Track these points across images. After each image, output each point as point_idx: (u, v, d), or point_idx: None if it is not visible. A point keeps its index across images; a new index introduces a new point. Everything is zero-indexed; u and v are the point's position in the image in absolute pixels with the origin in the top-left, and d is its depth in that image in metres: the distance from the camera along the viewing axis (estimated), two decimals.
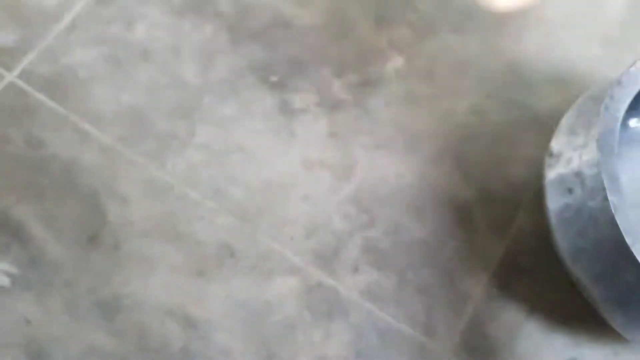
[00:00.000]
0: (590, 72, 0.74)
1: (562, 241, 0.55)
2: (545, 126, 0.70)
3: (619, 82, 0.53)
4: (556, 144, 0.57)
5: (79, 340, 0.57)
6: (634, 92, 0.54)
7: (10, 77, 0.67)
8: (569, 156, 0.54)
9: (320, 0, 0.74)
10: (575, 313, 0.61)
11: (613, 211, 0.49)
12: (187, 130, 0.66)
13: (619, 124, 0.52)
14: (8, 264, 0.59)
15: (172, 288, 0.60)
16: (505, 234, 0.63)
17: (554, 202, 0.55)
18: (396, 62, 0.71)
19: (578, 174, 0.53)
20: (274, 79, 0.69)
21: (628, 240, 0.48)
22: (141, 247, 0.61)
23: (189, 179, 0.64)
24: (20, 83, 0.67)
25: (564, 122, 0.58)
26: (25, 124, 0.65)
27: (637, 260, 0.48)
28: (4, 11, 0.70)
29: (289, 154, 0.66)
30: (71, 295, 0.59)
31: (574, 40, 0.75)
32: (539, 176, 0.61)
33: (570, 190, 0.53)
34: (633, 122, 0.65)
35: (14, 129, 0.65)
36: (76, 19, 0.71)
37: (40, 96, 0.66)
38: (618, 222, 0.49)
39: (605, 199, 0.49)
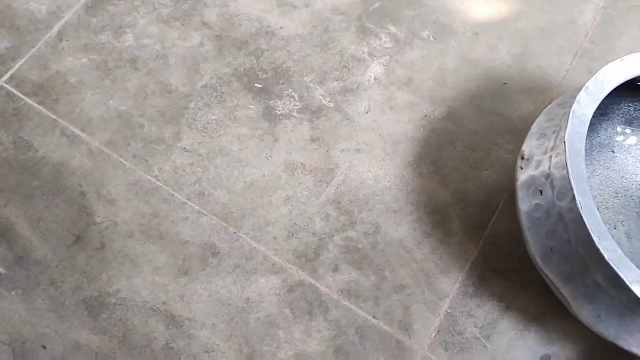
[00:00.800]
0: (563, 81, 0.76)
1: (533, 241, 0.57)
2: (520, 132, 0.72)
3: (586, 88, 0.55)
4: (527, 147, 0.60)
5: (65, 337, 0.58)
6: (601, 98, 0.56)
7: (0, 82, 0.69)
8: (539, 159, 0.56)
9: (304, 11, 0.77)
10: (548, 311, 0.63)
11: (581, 211, 0.50)
12: (174, 135, 0.68)
13: (586, 128, 0.54)
14: None
15: (156, 287, 0.61)
16: (480, 235, 0.65)
17: (525, 203, 0.57)
18: (376, 70, 0.74)
19: (548, 176, 0.55)
20: (258, 85, 0.71)
21: (595, 239, 0.50)
22: (126, 247, 0.62)
23: (174, 181, 0.65)
24: (10, 88, 0.68)
25: (535, 126, 0.61)
26: (14, 128, 0.67)
27: (604, 259, 0.49)
28: None
29: (271, 158, 0.68)
30: (57, 294, 0.60)
31: (547, 51, 0.78)
32: (513, 179, 0.63)
33: (540, 192, 0.55)
34: (604, 128, 0.67)
35: (3, 133, 0.66)
36: (66, 27, 0.73)
37: (30, 101, 0.68)
38: (586, 221, 0.50)
39: (573, 199, 0.51)
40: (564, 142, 0.53)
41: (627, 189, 0.61)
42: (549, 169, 0.55)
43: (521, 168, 0.59)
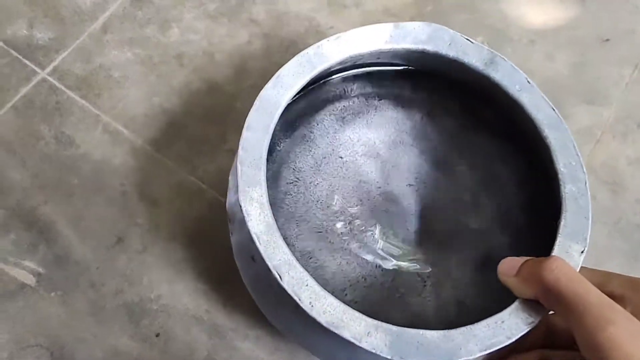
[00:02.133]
0: (622, 95, 0.73)
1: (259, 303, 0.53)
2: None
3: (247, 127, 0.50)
4: (228, 205, 0.53)
5: (103, 342, 0.56)
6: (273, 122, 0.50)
7: (43, 74, 0.67)
8: (240, 217, 0.48)
9: (354, 11, 0.74)
10: None
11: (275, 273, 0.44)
12: (219, 136, 0.65)
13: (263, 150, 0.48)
14: (34, 262, 0.59)
15: (199, 294, 0.59)
16: None
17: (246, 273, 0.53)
18: None
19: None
20: None
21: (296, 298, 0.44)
22: (168, 251, 0.60)
23: (219, 184, 0.63)
24: (53, 81, 0.66)
25: (231, 179, 0.54)
26: (56, 122, 0.64)
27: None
28: (39, 8, 0.70)
29: None
30: (97, 297, 0.58)
31: (606, 62, 0.75)
32: None
33: (252, 258, 0.48)
34: (320, 136, 0.59)
35: (45, 127, 0.64)
36: (111, 19, 0.70)
37: (73, 95, 0.66)
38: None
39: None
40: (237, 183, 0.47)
41: (369, 191, 0.57)
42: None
43: (232, 233, 0.53)
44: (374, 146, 0.60)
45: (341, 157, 0.58)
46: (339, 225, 0.56)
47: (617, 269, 0.64)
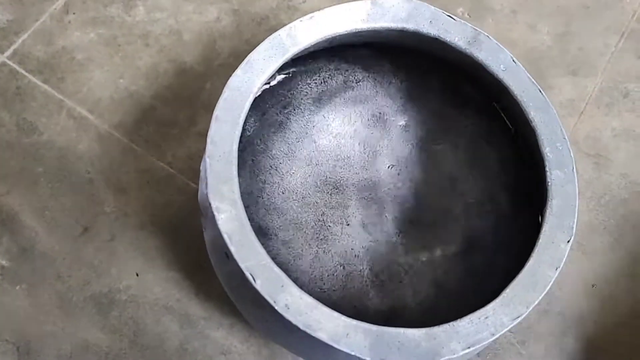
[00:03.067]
0: (608, 65, 0.71)
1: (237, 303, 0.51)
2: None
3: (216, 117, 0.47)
4: (200, 198, 0.50)
5: (72, 335, 0.55)
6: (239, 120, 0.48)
7: (2, 58, 0.64)
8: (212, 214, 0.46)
9: None
10: None
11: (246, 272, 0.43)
12: (188, 118, 0.63)
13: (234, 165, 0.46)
14: None
15: (170, 283, 0.57)
16: None
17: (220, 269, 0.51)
18: None
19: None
20: None
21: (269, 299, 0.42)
22: (137, 240, 0.58)
23: (189, 168, 0.61)
24: (13, 65, 0.64)
25: (201, 168, 0.52)
26: (17, 109, 0.62)
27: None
28: None
29: None
30: (64, 289, 0.56)
31: (591, 31, 0.72)
32: None
33: (226, 255, 0.46)
34: (294, 120, 0.57)
35: (6, 113, 0.62)
36: None
37: (34, 79, 0.63)
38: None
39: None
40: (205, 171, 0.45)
41: (346, 177, 0.55)
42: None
43: (205, 228, 0.50)
44: (352, 128, 0.57)
45: (315, 142, 0.56)
46: (314, 214, 0.54)
47: (601, 247, 0.63)
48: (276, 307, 0.41)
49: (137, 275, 0.57)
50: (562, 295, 0.61)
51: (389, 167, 0.56)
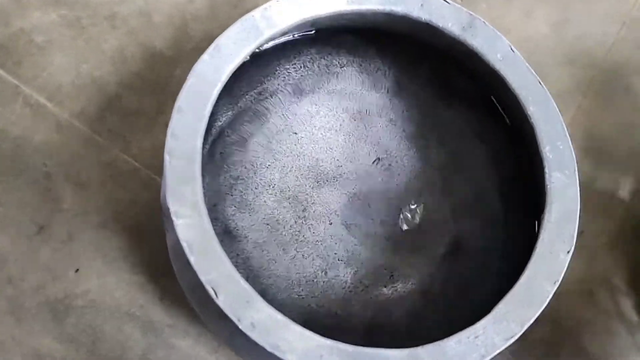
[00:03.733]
0: (608, 55, 0.67)
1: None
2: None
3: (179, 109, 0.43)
4: (162, 196, 0.46)
5: (23, 345, 0.50)
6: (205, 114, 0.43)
7: None
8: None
9: None
10: None
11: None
12: (156, 107, 0.58)
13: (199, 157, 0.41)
14: None
15: (133, 287, 0.53)
16: None
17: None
18: None
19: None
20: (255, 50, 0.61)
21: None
22: (98, 240, 0.54)
23: (155, 162, 0.56)
24: None
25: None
26: None
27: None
28: None
29: None
30: (15, 294, 0.51)
31: (590, 19, 0.68)
32: None
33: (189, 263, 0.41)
34: (275, 113, 0.53)
35: None
36: None
37: None
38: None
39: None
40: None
41: (328, 171, 0.51)
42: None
43: (167, 231, 0.47)
44: (334, 119, 0.53)
45: (296, 133, 0.52)
46: (293, 212, 0.49)
47: (602, 251, 0.60)
48: (240, 326, 0.37)
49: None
50: (556, 301, 0.57)
51: (373, 162, 0.52)
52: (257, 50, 0.48)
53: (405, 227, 0.50)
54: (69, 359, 0.50)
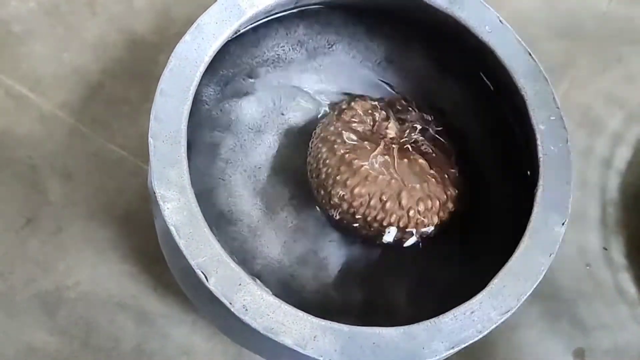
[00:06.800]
0: (599, 29, 0.65)
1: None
2: None
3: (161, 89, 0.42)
4: (149, 181, 0.45)
5: (16, 339, 0.49)
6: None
7: None
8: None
9: None
10: None
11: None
12: (141, 94, 0.57)
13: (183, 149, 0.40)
14: None
15: (124, 277, 0.52)
16: None
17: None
18: None
19: None
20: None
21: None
22: (87, 231, 0.53)
23: (142, 150, 0.55)
24: None
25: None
26: None
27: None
28: None
29: None
30: (5, 288, 0.51)
31: None
32: None
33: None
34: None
35: None
36: None
37: None
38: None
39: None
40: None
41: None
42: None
43: (155, 217, 0.45)
44: (326, 97, 0.51)
45: (283, 114, 0.51)
46: (283, 194, 0.49)
47: (599, 224, 0.59)
48: (232, 309, 0.36)
49: (88, 269, 0.51)
50: (553, 275, 0.56)
51: None
52: (241, 29, 0.47)
53: None
54: (63, 352, 0.49)
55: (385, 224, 0.45)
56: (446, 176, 0.47)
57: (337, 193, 0.45)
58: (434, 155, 0.48)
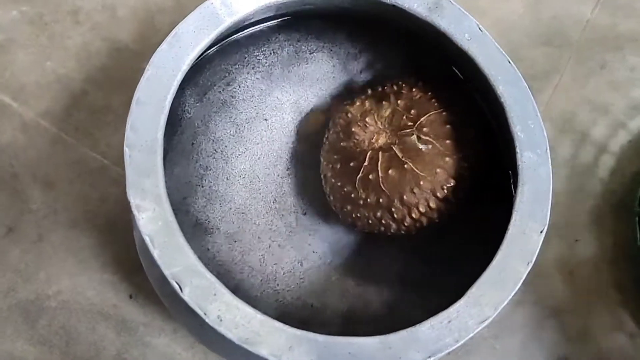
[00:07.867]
0: (582, 35, 0.66)
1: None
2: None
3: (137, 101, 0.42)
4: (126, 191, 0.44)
5: None
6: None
7: None
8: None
9: None
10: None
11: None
12: (124, 103, 0.57)
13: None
14: None
15: (105, 286, 0.52)
16: None
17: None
18: None
19: None
20: None
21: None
22: (68, 239, 0.53)
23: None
24: None
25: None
26: None
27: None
28: None
29: None
30: None
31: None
32: None
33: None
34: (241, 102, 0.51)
35: None
36: None
37: None
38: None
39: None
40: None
41: (297, 158, 0.51)
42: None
43: (134, 226, 0.47)
44: (306, 103, 0.52)
45: (266, 120, 0.51)
46: (265, 202, 0.49)
47: (582, 231, 0.59)
48: (207, 320, 0.36)
49: (69, 278, 0.51)
50: (537, 283, 0.56)
51: None
52: (221, 38, 0.47)
53: None
54: None
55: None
56: (438, 171, 0.46)
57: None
58: (424, 149, 0.47)
